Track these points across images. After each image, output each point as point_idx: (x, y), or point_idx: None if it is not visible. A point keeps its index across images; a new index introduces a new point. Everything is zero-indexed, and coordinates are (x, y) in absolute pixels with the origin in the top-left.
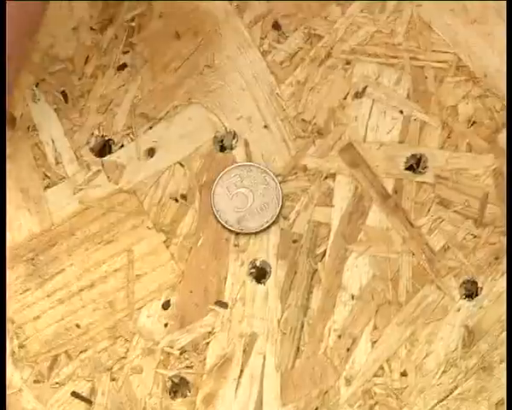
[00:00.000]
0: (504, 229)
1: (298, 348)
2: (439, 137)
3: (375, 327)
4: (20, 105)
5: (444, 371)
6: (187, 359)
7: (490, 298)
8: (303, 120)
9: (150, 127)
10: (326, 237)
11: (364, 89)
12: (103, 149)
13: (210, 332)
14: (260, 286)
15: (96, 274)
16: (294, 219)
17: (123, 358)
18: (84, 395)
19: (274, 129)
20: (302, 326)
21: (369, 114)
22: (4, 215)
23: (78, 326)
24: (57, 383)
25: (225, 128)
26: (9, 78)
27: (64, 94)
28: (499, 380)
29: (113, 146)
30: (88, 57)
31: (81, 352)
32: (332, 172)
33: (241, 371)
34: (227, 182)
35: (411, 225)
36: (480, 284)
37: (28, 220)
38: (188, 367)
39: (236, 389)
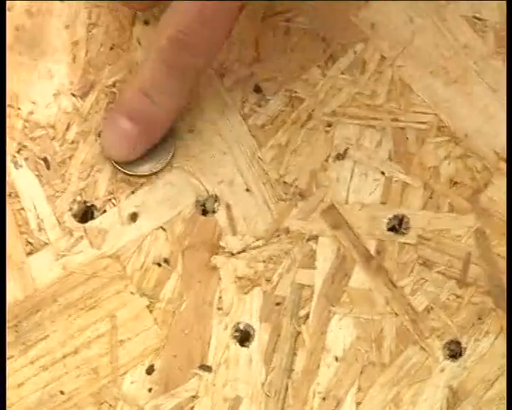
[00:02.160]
0: (487, 288)
1: None
2: (421, 197)
3: (360, 389)
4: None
5: None
6: None
7: (473, 358)
8: (285, 182)
9: (132, 192)
10: (309, 298)
11: (346, 151)
12: (85, 214)
13: (194, 396)
14: (244, 349)
15: (80, 340)
16: (277, 282)
17: None
18: None
19: (256, 192)
20: (286, 389)
21: (351, 176)
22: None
23: (62, 393)
24: None
25: (207, 192)
26: None
27: (45, 160)
28: None
29: (95, 212)
30: (69, 123)
31: None
32: (314, 233)
33: None
34: None
35: (394, 285)
36: (463, 345)
37: (11, 287)
38: None
39: None
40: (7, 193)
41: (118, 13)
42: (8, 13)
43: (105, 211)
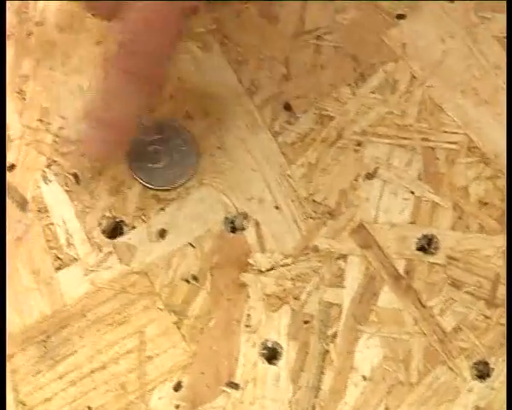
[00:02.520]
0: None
1: None
2: (451, 217)
3: (387, 408)
4: (31, 187)
5: None
6: None
7: (501, 379)
8: (314, 200)
9: (161, 209)
10: (337, 317)
11: (376, 170)
12: (115, 230)
13: None
14: (272, 367)
15: (108, 356)
16: (306, 300)
17: None
18: None
19: (285, 210)
20: (314, 408)
21: (381, 195)
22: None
23: (89, 408)
24: None
25: (236, 209)
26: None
27: (75, 176)
28: None
29: (124, 227)
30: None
31: None
32: (343, 252)
33: None
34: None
35: (423, 305)
36: (491, 365)
37: (39, 302)
38: None
39: None
40: (37, 208)
41: None
42: (39, 27)
43: (134, 227)
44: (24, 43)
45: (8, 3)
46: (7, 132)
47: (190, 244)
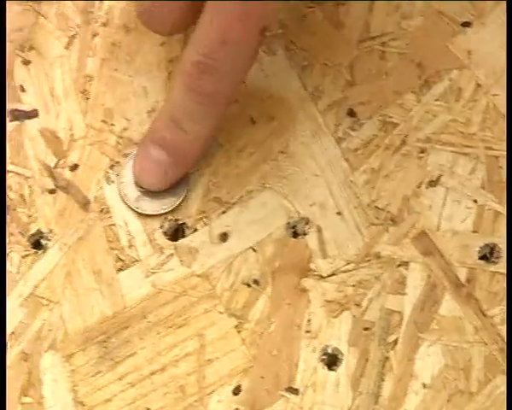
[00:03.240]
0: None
1: None
2: None
3: None
4: (93, 187)
5: None
6: None
7: None
8: (376, 207)
9: (224, 212)
10: (398, 324)
11: (439, 177)
12: (176, 232)
13: None
14: (331, 373)
15: (168, 358)
16: (367, 306)
17: None
18: None
19: (347, 216)
20: None
21: (443, 203)
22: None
23: None
24: None
25: (298, 214)
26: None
27: None
28: None
29: (186, 230)
30: None
31: None
32: (405, 260)
33: None
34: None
35: (484, 314)
36: None
37: (100, 303)
38: None
39: None
40: (99, 209)
41: None
42: (104, 28)
43: (196, 230)
44: (89, 43)
45: (71, 3)
46: (71, 132)
47: (252, 248)
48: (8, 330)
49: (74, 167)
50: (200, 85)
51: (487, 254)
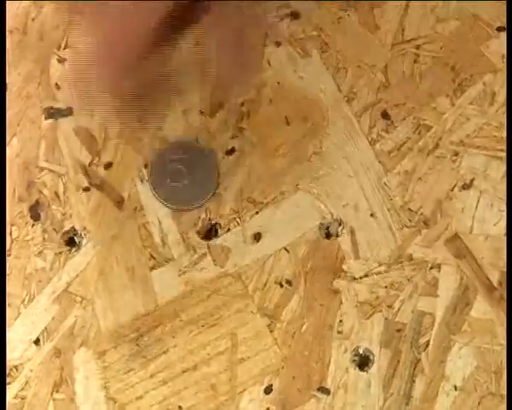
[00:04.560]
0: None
1: None
2: None
3: None
4: (127, 186)
5: None
6: None
7: None
8: (409, 209)
9: (257, 212)
10: (430, 326)
11: (472, 181)
12: (210, 232)
13: None
14: (363, 374)
15: (200, 356)
16: (399, 308)
17: None
18: None
19: (380, 217)
20: None
21: (476, 206)
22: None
23: (180, 408)
24: None
25: (331, 215)
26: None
27: None
28: None
29: (219, 230)
30: (196, 140)
31: None
32: (437, 262)
33: None
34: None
35: None
36: None
37: (133, 300)
38: None
39: None
40: (132, 207)
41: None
42: None
43: (229, 229)
44: None
45: None
46: (105, 130)
47: (285, 249)
48: (41, 326)
49: (108, 165)
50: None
51: None
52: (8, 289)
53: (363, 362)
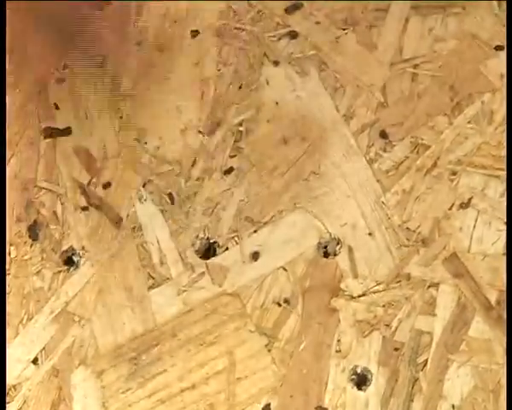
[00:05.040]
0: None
1: None
2: None
3: None
4: (126, 205)
5: None
6: None
7: None
8: (408, 228)
9: (255, 231)
10: (428, 345)
11: (470, 200)
12: (208, 251)
13: None
14: (361, 393)
15: (198, 375)
16: (397, 327)
17: None
18: None
19: (378, 237)
20: None
21: (474, 225)
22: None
23: None
24: None
25: (329, 234)
26: None
27: (170, 195)
28: None
29: (217, 249)
30: (195, 160)
31: None
32: (435, 281)
33: None
34: None
35: None
36: None
37: (131, 320)
38: None
39: None
40: (131, 226)
41: (248, 52)
42: (137, 47)
43: (227, 248)
44: (122, 62)
45: (106, 23)
46: (104, 150)
47: (283, 268)
48: (40, 345)
49: (107, 185)
50: None
51: None
52: (7, 308)
53: (361, 381)
